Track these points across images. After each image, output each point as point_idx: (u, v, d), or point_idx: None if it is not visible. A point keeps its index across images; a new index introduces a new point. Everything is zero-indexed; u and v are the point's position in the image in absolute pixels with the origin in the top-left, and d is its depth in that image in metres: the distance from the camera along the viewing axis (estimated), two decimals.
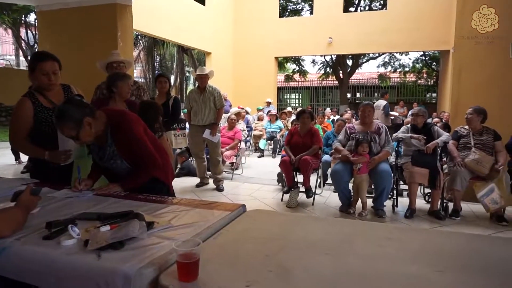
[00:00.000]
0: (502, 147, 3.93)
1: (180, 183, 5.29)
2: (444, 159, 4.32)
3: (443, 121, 6.42)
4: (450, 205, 4.07)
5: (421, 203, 4.30)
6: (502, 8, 4.44)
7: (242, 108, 8.92)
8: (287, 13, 16.87)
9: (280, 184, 5.15)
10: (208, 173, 5.29)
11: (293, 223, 1.49)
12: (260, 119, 9.27)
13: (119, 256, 1.10)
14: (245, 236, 1.32)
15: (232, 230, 1.38)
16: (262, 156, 8.36)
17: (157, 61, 20.86)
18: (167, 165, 2.11)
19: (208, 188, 5.12)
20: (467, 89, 4.71)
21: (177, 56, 19.93)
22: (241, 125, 7.09)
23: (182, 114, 5.24)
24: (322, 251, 1.19)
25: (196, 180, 5.27)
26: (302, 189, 4.44)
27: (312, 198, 4.41)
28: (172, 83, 19.57)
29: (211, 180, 5.20)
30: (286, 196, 4.42)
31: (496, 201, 3.66)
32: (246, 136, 7.33)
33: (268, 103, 11.08)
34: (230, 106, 9.71)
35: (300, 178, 4.52)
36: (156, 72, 19.30)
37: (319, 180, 4.70)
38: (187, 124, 5.18)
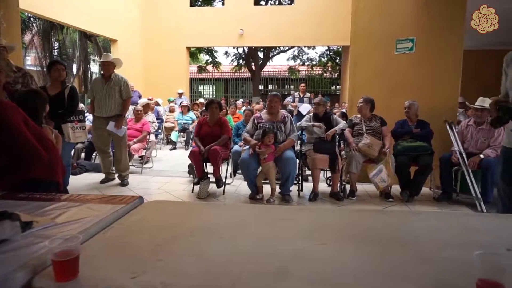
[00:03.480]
0: (388, 131, 4.44)
1: (83, 180, 4.90)
2: (342, 145, 4.72)
3: (342, 111, 7.00)
4: (348, 187, 4.48)
5: (323, 186, 4.65)
6: (389, 7, 4.98)
7: (152, 99, 8.56)
8: (199, 2, 16.58)
9: (191, 175, 5.10)
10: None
11: (191, 211, 1.48)
12: (171, 110, 9.01)
13: None
14: (138, 228, 1.27)
15: (125, 222, 1.32)
16: (175, 148, 8.17)
17: (55, 47, 18.74)
18: (55, 160, 1.92)
19: (113, 184, 4.83)
20: (360, 82, 5.19)
21: (80, 43, 18.17)
22: (150, 117, 6.81)
23: (82, 105, 4.82)
24: (216, 235, 1.20)
25: (101, 176, 4.93)
26: (213, 179, 4.45)
27: (223, 187, 4.45)
28: (75, 72, 17.83)
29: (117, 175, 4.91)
30: (197, 188, 4.39)
31: (384, 180, 4.13)
32: (156, 128, 7.06)
33: (180, 94, 10.83)
34: (140, 97, 9.24)
35: (210, 168, 4.53)
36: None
37: (229, 170, 4.75)
38: (90, 116, 4.79)
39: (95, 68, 18.68)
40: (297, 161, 4.29)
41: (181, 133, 8.55)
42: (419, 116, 4.48)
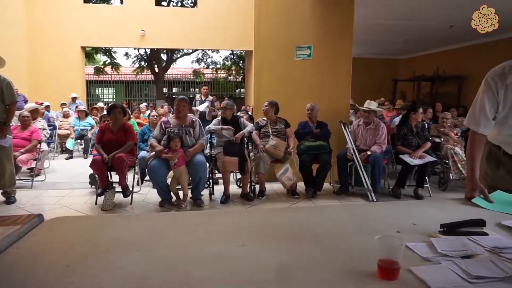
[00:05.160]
0: (291, 133, 4.74)
1: None
2: (250, 147, 4.88)
3: (249, 113, 7.23)
4: (258, 187, 4.64)
5: (234, 188, 4.75)
6: (288, 16, 5.32)
7: (42, 104, 7.65)
8: None
9: (94, 186, 4.71)
10: None
11: (101, 226, 1.38)
12: (65, 116, 8.18)
13: None
14: (41, 250, 1.14)
15: (23, 246, 1.17)
16: (71, 157, 7.43)
17: None
18: None
19: None
20: (265, 86, 5.44)
21: None
22: (40, 123, 6.09)
23: None
24: (132, 248, 1.15)
25: None
26: (119, 188, 4.18)
27: (130, 197, 4.22)
28: None
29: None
30: (101, 199, 4.08)
31: (291, 178, 4.40)
32: (47, 136, 6.34)
33: (74, 99, 9.88)
34: (26, 101, 8.17)
35: (115, 177, 4.25)
36: None
37: (136, 178, 4.53)
38: None
39: None
40: (207, 164, 4.30)
41: (79, 141, 7.82)
42: (318, 118, 4.88)
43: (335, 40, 5.27)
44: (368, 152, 4.52)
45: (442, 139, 5.20)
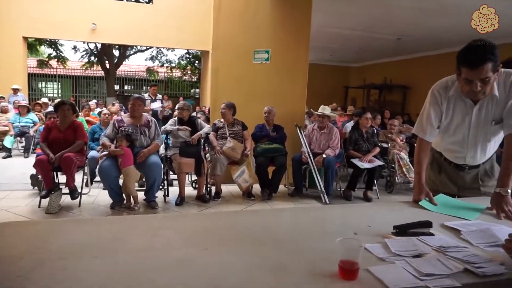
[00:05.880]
0: (248, 135, 4.77)
1: None
2: (207, 148, 4.84)
3: (206, 114, 7.16)
4: (213, 189, 4.61)
5: (189, 190, 4.68)
6: (247, 19, 5.35)
7: None
8: None
9: (36, 187, 4.41)
10: None
11: (53, 231, 1.30)
12: (3, 111, 7.55)
13: None
14: None
15: None
16: (10, 156, 6.88)
17: None
18: None
19: None
20: (222, 87, 5.43)
21: None
22: None
23: None
24: (89, 255, 1.09)
25: None
26: (66, 190, 3.95)
27: (79, 199, 4.00)
28: None
29: None
30: (45, 201, 3.82)
31: (247, 180, 4.43)
32: None
33: (15, 90, 9.16)
34: None
35: (62, 178, 4.01)
36: None
37: (85, 179, 4.31)
38: None
39: None
40: (162, 165, 4.20)
41: (18, 138, 7.26)
42: (274, 121, 4.96)
43: (292, 46, 5.40)
44: (324, 155, 4.68)
45: (389, 145, 5.52)
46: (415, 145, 2.14)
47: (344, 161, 5.07)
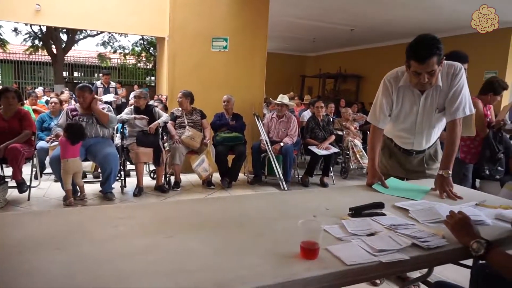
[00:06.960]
0: (207, 124, 4.75)
1: None
2: (165, 137, 4.76)
3: (163, 103, 6.98)
4: (172, 179, 4.56)
5: (147, 180, 4.59)
6: (205, 6, 5.26)
7: None
8: None
9: None
10: None
11: (7, 225, 1.24)
12: None
13: None
14: None
15: None
16: None
17: None
18: None
19: None
20: (179, 75, 5.32)
21: None
22: None
23: None
24: (51, 247, 1.06)
25: None
26: (13, 183, 3.72)
27: (28, 192, 3.79)
28: None
29: None
30: None
31: (206, 169, 4.42)
32: None
33: None
34: None
35: (8, 171, 3.76)
36: None
37: (34, 171, 4.08)
38: None
39: None
40: (119, 156, 4.07)
41: None
42: (234, 109, 4.97)
43: (251, 34, 5.40)
44: (282, 144, 4.78)
45: (344, 132, 5.75)
46: (368, 132, 2.27)
47: (302, 149, 5.22)
